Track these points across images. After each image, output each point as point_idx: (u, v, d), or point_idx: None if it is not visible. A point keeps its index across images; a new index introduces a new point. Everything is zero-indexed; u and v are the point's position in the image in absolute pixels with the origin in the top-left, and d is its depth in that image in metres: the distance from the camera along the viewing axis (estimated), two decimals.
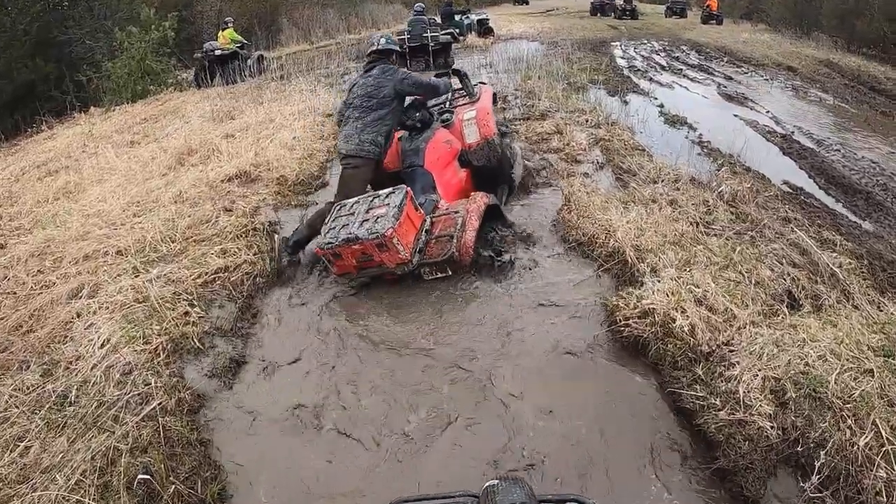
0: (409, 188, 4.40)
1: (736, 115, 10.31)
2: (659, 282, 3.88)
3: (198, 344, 3.98)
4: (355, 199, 4.52)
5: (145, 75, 16.44)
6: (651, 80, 13.14)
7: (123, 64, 16.35)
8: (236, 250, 5.00)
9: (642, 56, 17.05)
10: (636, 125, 8.73)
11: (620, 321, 3.69)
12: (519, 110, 9.14)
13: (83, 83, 16.62)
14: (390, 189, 4.40)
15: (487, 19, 21.17)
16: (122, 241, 5.44)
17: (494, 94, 6.09)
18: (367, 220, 4.19)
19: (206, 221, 5.66)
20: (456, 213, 4.46)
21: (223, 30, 16.53)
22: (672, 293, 3.71)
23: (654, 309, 3.61)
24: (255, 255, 4.99)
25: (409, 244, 4.18)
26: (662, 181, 5.91)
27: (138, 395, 3.42)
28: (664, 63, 15.83)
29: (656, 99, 11.00)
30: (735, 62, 16.44)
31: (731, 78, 13.99)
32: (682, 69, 14.86)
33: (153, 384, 3.51)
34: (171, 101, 14.75)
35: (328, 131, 8.82)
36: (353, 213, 4.33)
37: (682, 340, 3.42)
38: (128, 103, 15.43)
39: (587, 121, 8.19)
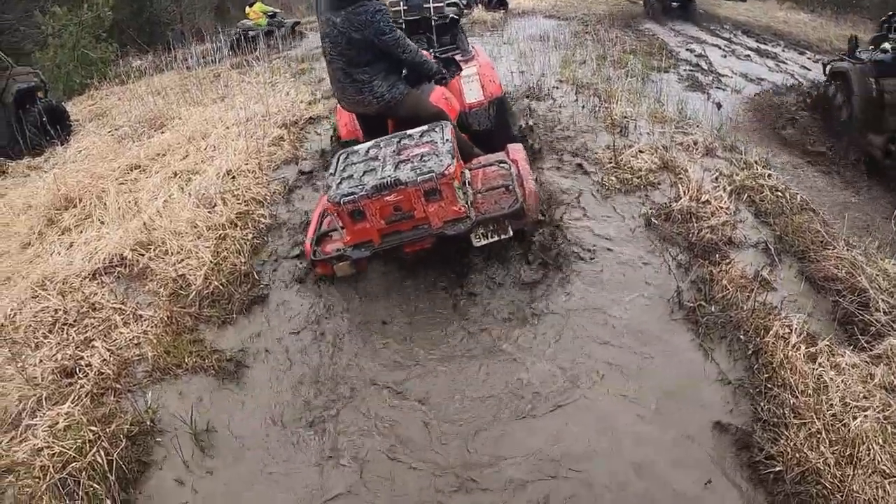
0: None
1: None
2: None
3: None
4: (369, 143, 3.61)
5: (79, 66, 13.40)
6: (717, 75, 10.04)
7: (54, 53, 13.37)
8: None
9: (690, 36, 13.88)
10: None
11: None
12: (584, 120, 5.99)
13: None
14: (424, 127, 3.58)
15: None
16: None
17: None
18: (404, 161, 3.31)
19: None
20: (500, 163, 3.74)
21: (251, 4, 14.70)
22: None
23: None
24: None
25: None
26: None
27: None
28: (722, 46, 12.68)
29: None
30: (795, 47, 13.28)
31: (808, 69, 10.84)
32: (748, 55, 11.75)
33: None
34: (107, 98, 11.70)
35: (282, 157, 5.81)
36: (375, 158, 3.43)
37: None
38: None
39: (694, 144, 5.20)
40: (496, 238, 3.38)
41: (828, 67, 6.99)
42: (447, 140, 3.39)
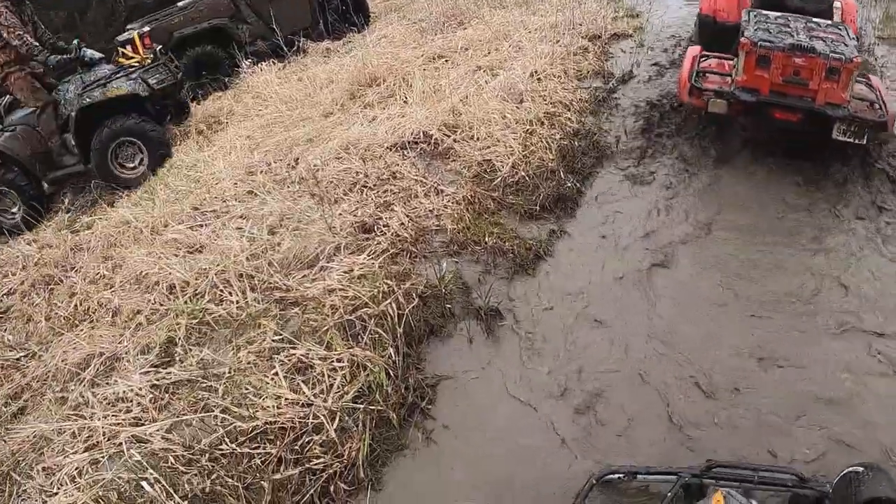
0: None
1: None
2: None
3: None
4: (776, 13, 3.94)
5: None
6: None
7: None
8: None
9: None
10: None
11: None
12: None
13: None
14: (827, 21, 3.97)
15: None
16: None
17: None
18: (817, 37, 3.60)
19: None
20: (867, 84, 3.93)
21: None
22: None
23: None
24: None
25: None
26: None
27: None
28: None
29: None
30: None
31: None
32: None
33: None
34: None
35: (587, 68, 5.39)
36: (786, 26, 3.74)
37: None
38: None
39: None
40: (852, 140, 3.60)
41: None
42: (852, 37, 3.65)
